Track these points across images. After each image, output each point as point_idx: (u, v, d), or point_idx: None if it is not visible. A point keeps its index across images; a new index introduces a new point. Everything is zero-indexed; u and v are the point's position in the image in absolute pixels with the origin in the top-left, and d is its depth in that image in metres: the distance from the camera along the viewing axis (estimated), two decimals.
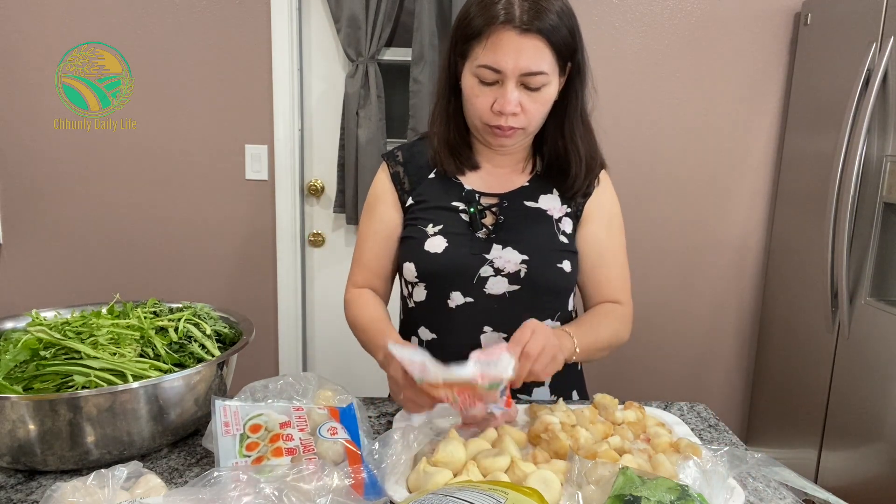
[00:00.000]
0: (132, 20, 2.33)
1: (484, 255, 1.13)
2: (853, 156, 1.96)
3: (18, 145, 2.40)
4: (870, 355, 1.96)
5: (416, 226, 1.17)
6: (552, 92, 1.08)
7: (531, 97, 1.05)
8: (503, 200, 1.18)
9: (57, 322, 0.94)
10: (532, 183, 1.20)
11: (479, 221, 1.15)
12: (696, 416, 1.12)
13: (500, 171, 1.21)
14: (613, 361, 2.71)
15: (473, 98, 1.07)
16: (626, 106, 2.45)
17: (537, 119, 1.10)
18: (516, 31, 1.00)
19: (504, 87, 1.04)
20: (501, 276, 1.13)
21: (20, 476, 0.86)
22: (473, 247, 1.14)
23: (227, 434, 0.81)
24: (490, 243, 1.14)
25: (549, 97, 1.08)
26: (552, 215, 1.17)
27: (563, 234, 1.17)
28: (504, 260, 1.13)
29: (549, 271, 1.14)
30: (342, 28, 2.30)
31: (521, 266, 1.12)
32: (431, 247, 1.13)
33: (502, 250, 1.13)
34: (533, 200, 1.18)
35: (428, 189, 1.19)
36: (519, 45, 1.01)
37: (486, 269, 1.13)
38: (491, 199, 1.18)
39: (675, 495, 0.69)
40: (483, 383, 0.86)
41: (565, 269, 1.15)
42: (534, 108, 1.07)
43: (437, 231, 1.14)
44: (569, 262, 1.16)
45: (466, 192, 1.18)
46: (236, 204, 2.47)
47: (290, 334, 2.56)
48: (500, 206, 1.17)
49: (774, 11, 2.41)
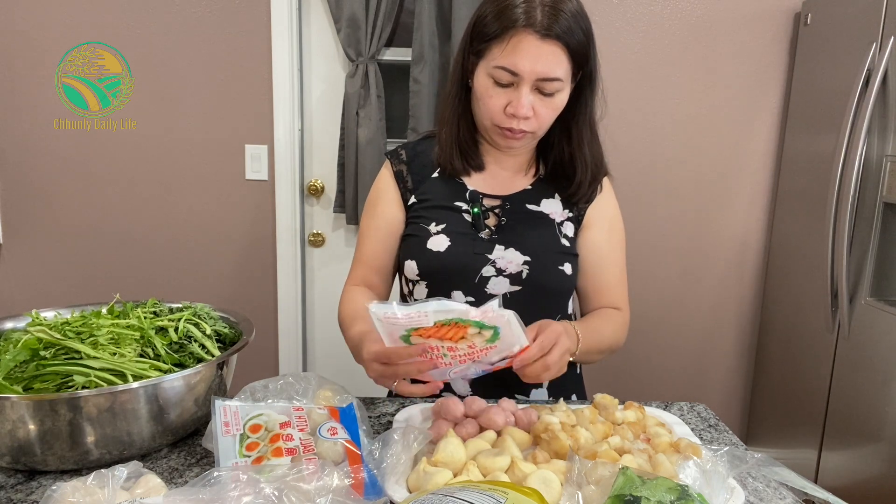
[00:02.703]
0: (132, 20, 2.33)
1: (486, 255, 1.13)
2: (853, 156, 1.96)
3: (18, 145, 2.40)
4: (870, 355, 1.96)
5: (419, 224, 1.17)
6: (564, 98, 1.09)
7: (544, 102, 1.06)
8: (505, 202, 1.18)
9: (57, 322, 0.94)
10: (534, 186, 1.20)
11: (483, 222, 1.16)
12: (696, 416, 1.12)
13: (504, 174, 1.21)
14: (613, 361, 2.71)
15: (487, 98, 1.07)
16: (626, 106, 2.45)
17: (547, 124, 1.11)
18: (537, 37, 1.01)
19: (518, 91, 1.04)
20: (503, 276, 1.13)
21: (20, 476, 0.86)
22: (476, 246, 1.14)
23: (227, 434, 0.81)
24: (493, 244, 1.14)
25: (560, 103, 1.09)
26: (554, 219, 1.18)
27: (565, 238, 1.17)
28: (506, 260, 1.13)
29: (551, 273, 1.14)
30: (342, 28, 2.30)
31: (523, 267, 1.13)
32: (434, 245, 1.13)
33: (505, 251, 1.13)
34: (535, 204, 1.18)
35: (431, 188, 1.20)
36: (539, 51, 1.01)
37: (489, 269, 1.13)
38: (493, 201, 1.18)
39: (675, 495, 0.69)
40: (484, 322, 0.82)
41: (566, 272, 1.15)
42: (545, 114, 1.07)
43: (440, 230, 1.14)
44: (570, 265, 1.16)
45: (470, 192, 1.18)
46: (236, 204, 2.47)
47: (290, 334, 2.56)
48: (503, 208, 1.18)
49: (774, 11, 2.41)
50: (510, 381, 1.14)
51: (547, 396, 1.21)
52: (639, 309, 2.66)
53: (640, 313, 2.68)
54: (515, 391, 1.18)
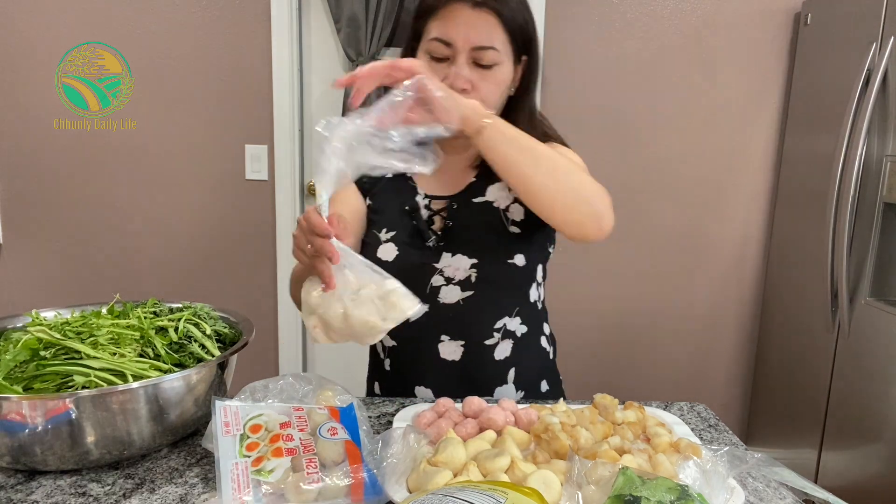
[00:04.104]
0: (132, 20, 2.34)
1: (433, 265, 1.11)
2: (853, 156, 1.96)
3: (18, 145, 2.40)
4: (870, 355, 1.96)
5: (371, 230, 1.16)
6: (505, 73, 1.07)
7: (482, 75, 1.04)
8: (452, 203, 1.15)
9: (57, 322, 0.94)
10: (479, 177, 1.17)
11: (429, 229, 1.13)
12: (696, 416, 1.12)
13: (452, 171, 1.17)
14: (613, 361, 2.72)
15: None
16: (626, 106, 2.45)
17: (491, 100, 1.07)
18: (469, 5, 1.01)
19: (455, 63, 1.03)
20: (453, 284, 1.10)
21: (20, 476, 0.86)
22: (423, 256, 1.11)
23: (227, 434, 0.81)
24: (440, 252, 1.11)
25: (501, 78, 1.07)
26: (499, 206, 1.14)
27: (513, 224, 1.13)
28: (454, 268, 1.10)
29: (499, 270, 1.11)
30: (342, 28, 2.30)
31: (470, 271, 1.10)
32: (383, 254, 1.12)
33: (452, 258, 1.11)
34: (481, 195, 1.15)
35: (383, 191, 1.18)
36: (470, 19, 1.02)
37: (437, 278, 1.11)
38: (440, 203, 1.16)
39: (675, 495, 0.69)
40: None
41: (518, 263, 1.12)
42: (485, 88, 1.05)
43: (389, 238, 1.13)
44: (522, 255, 1.12)
45: (411, 202, 1.15)
46: (236, 204, 2.47)
47: (290, 334, 2.56)
48: (450, 209, 1.15)
49: (774, 11, 2.41)
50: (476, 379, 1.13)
51: (515, 392, 1.17)
52: (639, 308, 2.68)
53: (640, 313, 2.70)
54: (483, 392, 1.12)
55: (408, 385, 1.17)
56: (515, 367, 1.17)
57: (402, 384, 1.18)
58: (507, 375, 1.17)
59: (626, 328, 2.62)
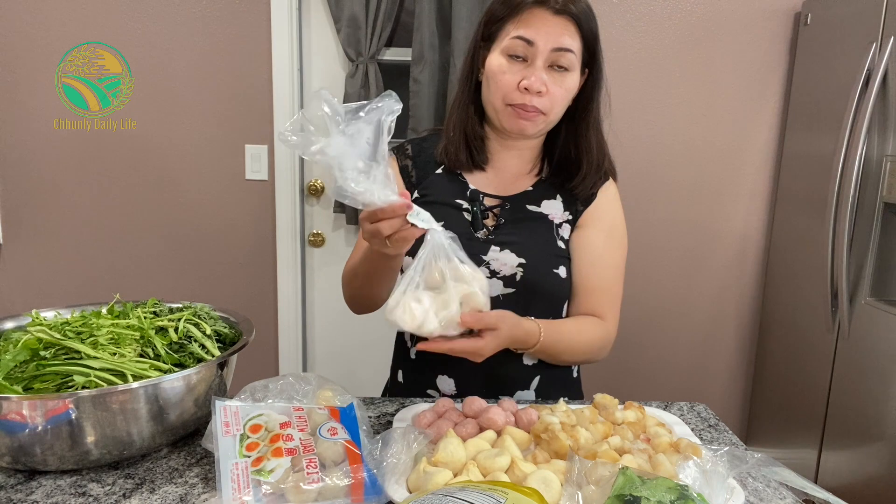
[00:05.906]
0: (132, 20, 2.34)
1: (481, 256, 1.13)
2: (853, 156, 1.96)
3: (18, 145, 2.40)
4: (870, 355, 1.96)
5: None
6: (575, 80, 1.11)
7: (556, 80, 1.08)
8: (505, 203, 1.18)
9: (57, 322, 0.94)
10: (536, 187, 1.20)
11: (481, 222, 1.16)
12: (696, 416, 1.12)
13: (507, 173, 1.21)
14: (613, 361, 2.71)
15: (500, 76, 1.09)
16: (626, 106, 2.45)
17: (558, 106, 1.11)
18: (550, 11, 1.06)
19: (533, 64, 1.07)
20: (497, 278, 1.12)
21: (20, 476, 0.86)
22: (471, 247, 1.13)
23: (227, 434, 0.81)
24: (488, 245, 1.14)
25: (571, 85, 1.11)
26: (553, 220, 1.17)
27: (562, 240, 1.17)
28: (500, 262, 1.13)
29: (544, 276, 1.14)
30: (342, 28, 2.30)
31: (517, 269, 1.12)
32: None
33: (500, 252, 1.13)
34: (535, 205, 1.18)
35: (433, 184, 1.20)
36: (553, 23, 1.06)
37: (483, 270, 1.12)
38: (493, 201, 1.18)
39: (675, 495, 0.69)
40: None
41: (561, 275, 1.15)
42: (557, 93, 1.09)
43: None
44: (565, 269, 1.16)
45: (471, 190, 1.18)
46: (236, 204, 2.47)
47: (290, 334, 2.56)
48: (503, 208, 1.17)
49: (774, 11, 2.41)
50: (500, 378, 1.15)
51: (535, 398, 1.19)
52: (639, 309, 2.68)
53: (640, 313, 2.69)
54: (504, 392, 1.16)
55: (431, 374, 1.18)
56: (540, 377, 1.19)
57: (424, 373, 1.19)
58: (531, 382, 1.19)
59: (626, 328, 2.61)
